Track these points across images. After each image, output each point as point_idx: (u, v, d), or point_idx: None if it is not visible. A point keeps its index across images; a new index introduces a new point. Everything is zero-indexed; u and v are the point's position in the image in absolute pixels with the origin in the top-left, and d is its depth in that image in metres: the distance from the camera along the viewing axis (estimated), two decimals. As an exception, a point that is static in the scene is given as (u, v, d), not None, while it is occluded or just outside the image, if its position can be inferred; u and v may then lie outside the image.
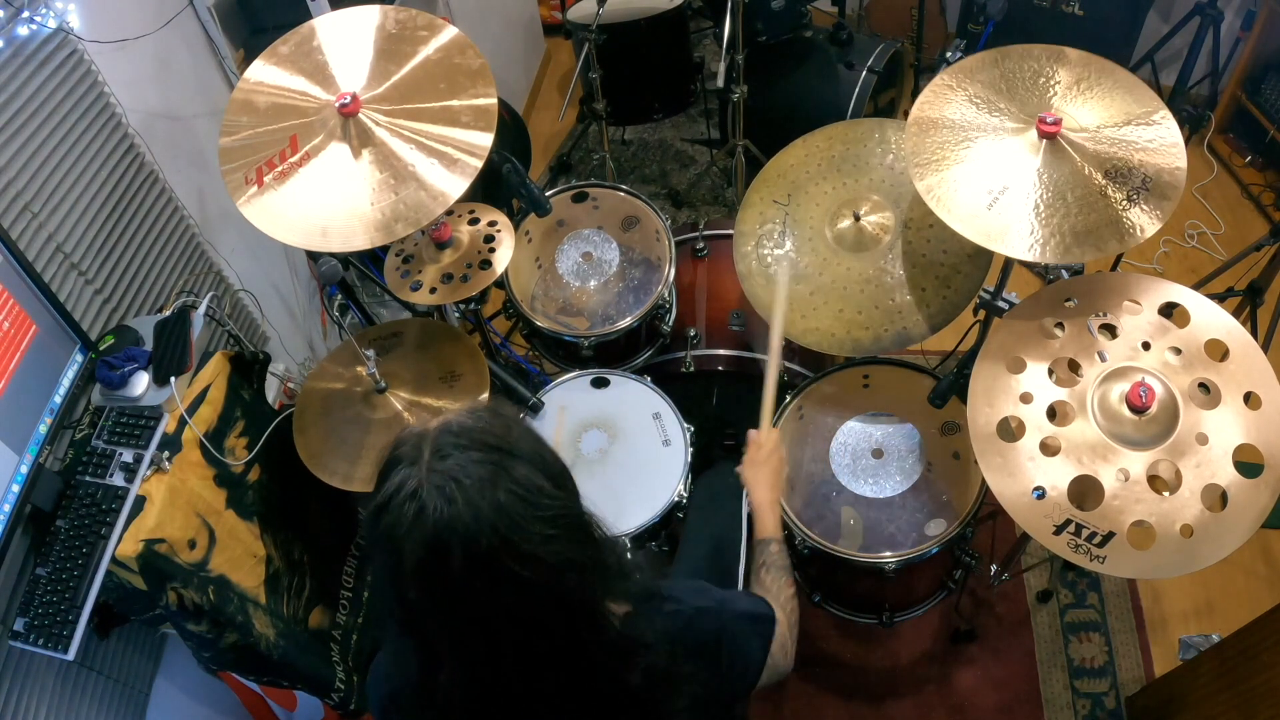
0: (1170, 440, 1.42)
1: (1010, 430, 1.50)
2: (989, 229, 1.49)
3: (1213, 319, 1.50)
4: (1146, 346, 1.49)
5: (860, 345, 1.82)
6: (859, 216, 1.85)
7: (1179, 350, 1.48)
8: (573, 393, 2.03)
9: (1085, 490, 1.44)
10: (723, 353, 2.19)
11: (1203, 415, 1.42)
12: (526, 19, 4.08)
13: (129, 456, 1.59)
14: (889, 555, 1.78)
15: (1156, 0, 3.41)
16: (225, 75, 2.22)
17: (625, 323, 2.11)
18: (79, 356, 1.63)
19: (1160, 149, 1.51)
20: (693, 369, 2.16)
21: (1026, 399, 1.50)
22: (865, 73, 3.03)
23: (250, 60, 1.71)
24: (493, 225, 1.89)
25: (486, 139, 1.61)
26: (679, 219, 3.49)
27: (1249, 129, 3.40)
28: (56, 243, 1.68)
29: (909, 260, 1.82)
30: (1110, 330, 1.52)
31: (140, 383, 1.66)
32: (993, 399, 1.52)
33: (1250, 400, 1.43)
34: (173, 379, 1.65)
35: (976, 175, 1.53)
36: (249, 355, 1.93)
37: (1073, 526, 1.41)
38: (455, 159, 1.60)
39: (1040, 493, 1.45)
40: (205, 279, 2.14)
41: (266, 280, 2.45)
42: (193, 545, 1.61)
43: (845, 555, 1.80)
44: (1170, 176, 1.49)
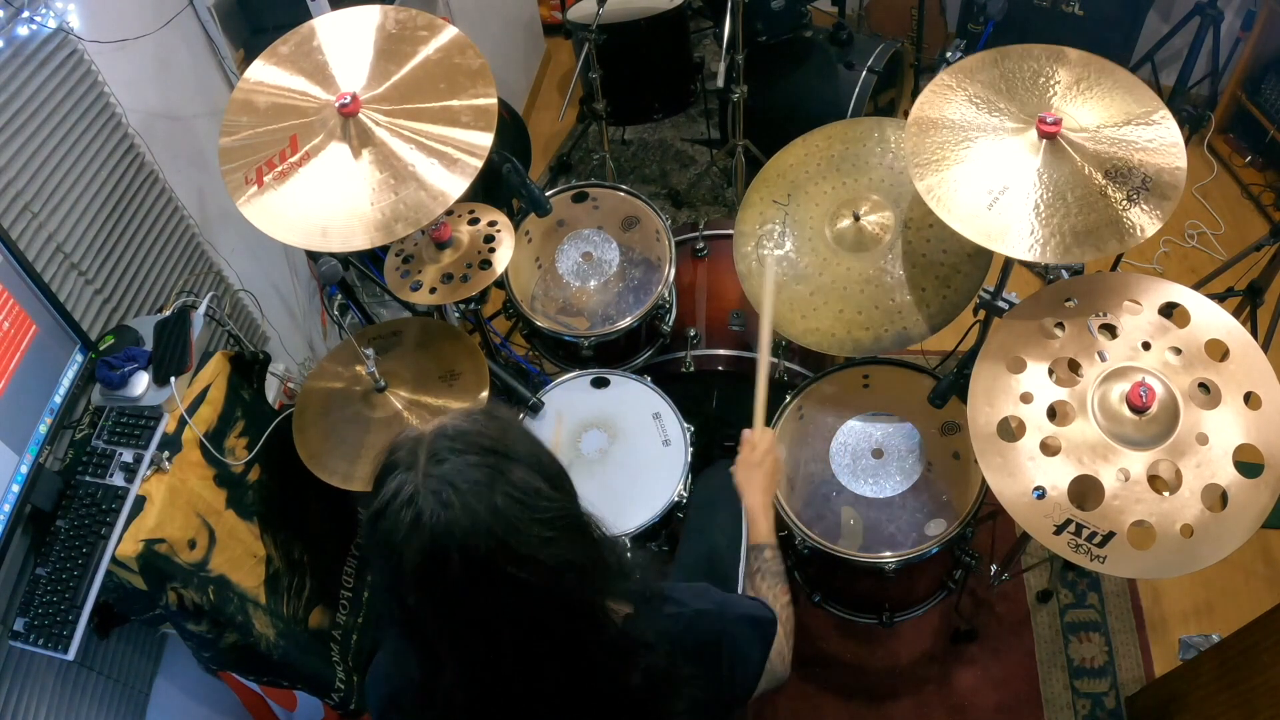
0: (1170, 440, 1.42)
1: (1010, 430, 1.50)
2: (989, 229, 1.49)
3: (1213, 319, 1.50)
4: (1147, 346, 1.49)
5: (860, 345, 1.82)
6: (859, 216, 1.85)
7: (1179, 350, 1.48)
8: (573, 393, 2.03)
9: (1085, 490, 1.44)
10: (723, 353, 2.19)
11: (1203, 415, 1.43)
12: (526, 19, 4.08)
13: (129, 456, 1.59)
14: (889, 555, 1.78)
15: (1156, 0, 3.41)
16: (225, 75, 2.22)
17: (625, 323, 2.11)
18: (79, 356, 1.63)
19: (1160, 149, 1.51)
20: (693, 369, 2.16)
21: (1027, 399, 1.50)
22: (865, 73, 3.03)
23: (250, 60, 1.72)
24: (493, 225, 1.89)
25: (486, 139, 1.61)
26: (679, 219, 3.49)
27: (1249, 129, 3.40)
28: (56, 243, 1.68)
29: (909, 260, 1.82)
30: (1110, 330, 1.52)
31: (140, 383, 1.66)
32: (993, 399, 1.52)
33: (1250, 400, 1.43)
34: (173, 379, 1.65)
35: (977, 175, 1.53)
36: (249, 355, 1.93)
37: (1073, 526, 1.41)
38: (455, 159, 1.60)
39: (1040, 492, 1.45)
40: (205, 279, 2.14)
41: (266, 280, 2.45)
42: (193, 545, 1.61)
43: (845, 555, 1.80)
44: (1170, 176, 1.49)
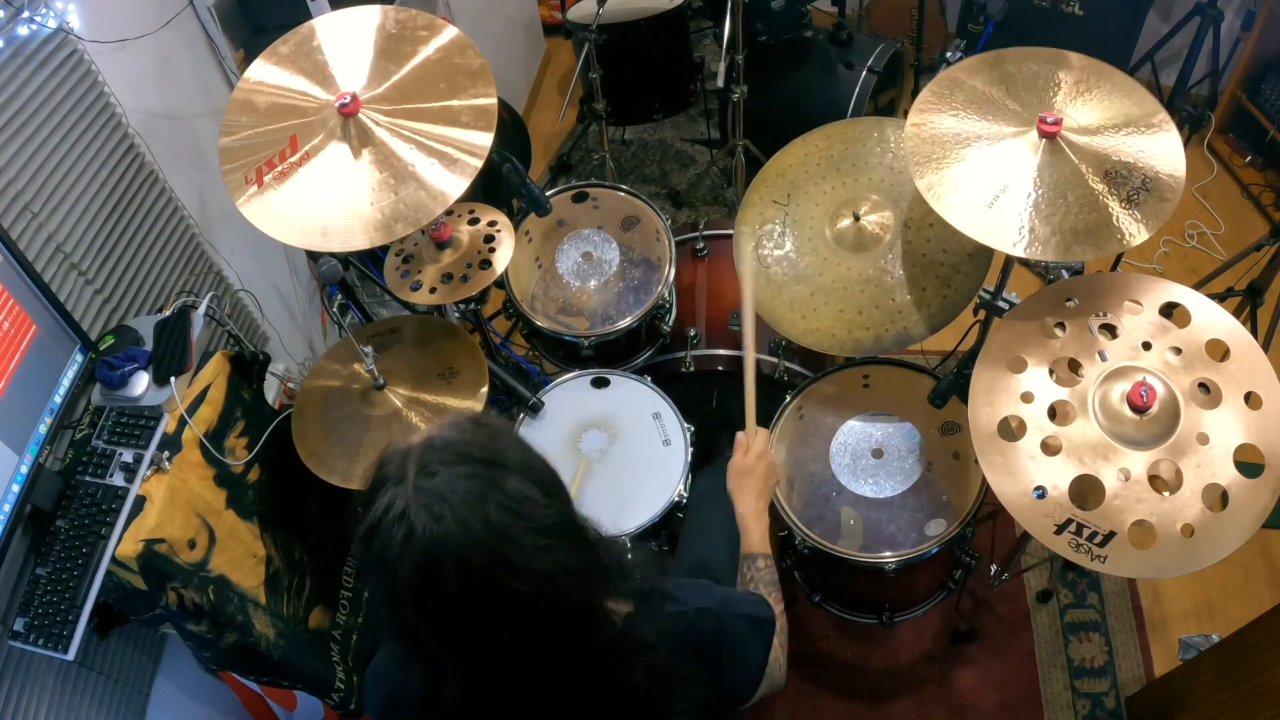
0: (1171, 440, 1.42)
1: (1011, 430, 1.50)
2: (990, 227, 1.49)
3: (1213, 319, 1.50)
4: (1147, 346, 1.49)
5: (860, 345, 1.82)
6: (859, 216, 1.85)
7: (1179, 350, 1.48)
8: (573, 393, 2.03)
9: (1086, 490, 1.43)
10: (723, 353, 2.19)
11: (1203, 415, 1.43)
12: (526, 19, 4.08)
13: (129, 456, 1.59)
14: (889, 555, 1.78)
15: (1156, 0, 3.41)
16: (225, 75, 2.22)
17: (625, 323, 2.10)
18: (79, 356, 1.63)
19: (1160, 150, 1.51)
20: (693, 369, 2.16)
21: (1027, 398, 1.50)
22: (865, 73, 3.03)
23: (250, 60, 1.72)
24: (493, 225, 1.89)
25: (486, 139, 1.61)
26: (679, 219, 3.49)
27: (1249, 129, 3.40)
28: (56, 243, 1.68)
29: (909, 260, 1.82)
30: (1111, 330, 1.52)
31: (140, 383, 1.66)
32: (993, 398, 1.52)
33: (1251, 400, 1.43)
34: (173, 379, 1.65)
35: (977, 174, 1.53)
36: (249, 355, 1.93)
37: (1074, 526, 1.41)
38: (455, 159, 1.60)
39: (1041, 492, 1.44)
40: (205, 279, 2.14)
41: (266, 280, 2.45)
42: (193, 545, 1.61)
43: (845, 555, 1.79)
44: (1170, 177, 1.49)
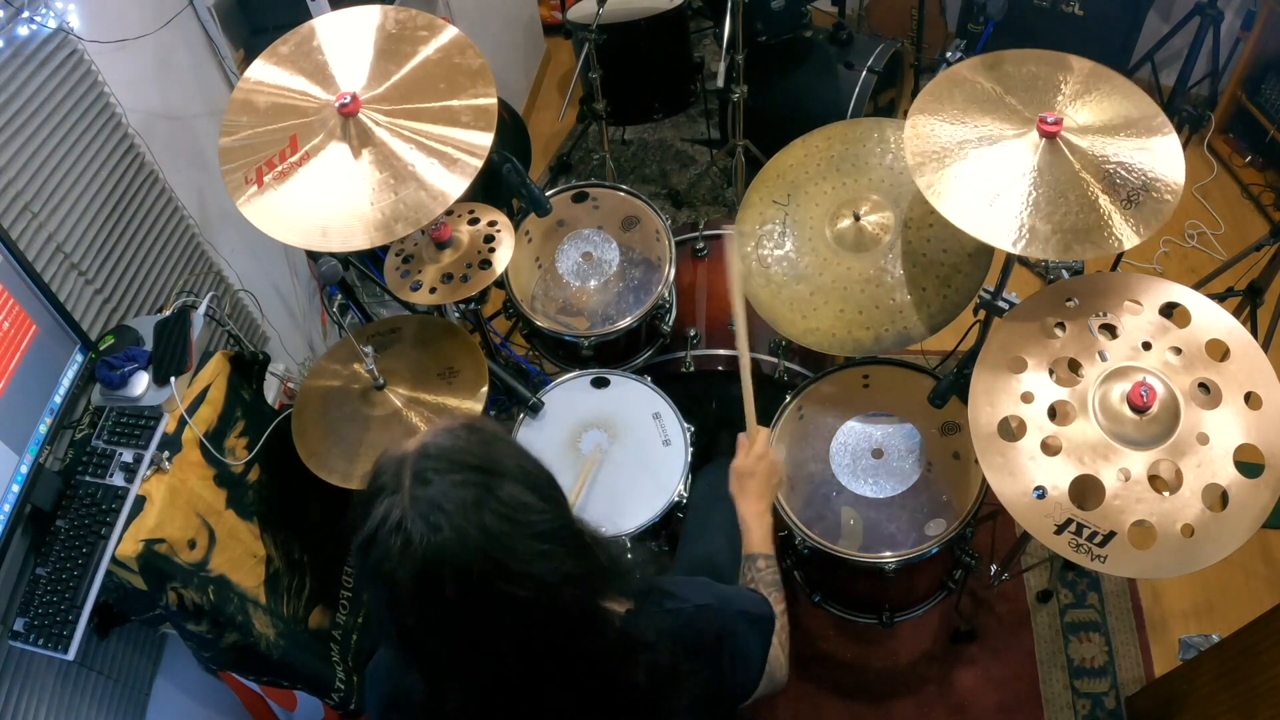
0: (1171, 440, 1.42)
1: (1011, 430, 1.50)
2: (990, 226, 1.49)
3: (1213, 319, 1.50)
4: (1147, 346, 1.49)
5: (860, 345, 1.82)
6: (859, 216, 1.85)
7: (1179, 350, 1.48)
8: (573, 393, 2.03)
9: (1086, 490, 1.43)
10: (723, 353, 2.19)
11: (1203, 415, 1.42)
12: (526, 19, 4.08)
13: (129, 456, 1.59)
14: (889, 555, 1.78)
15: (1156, 0, 3.41)
16: (225, 75, 2.22)
17: (625, 323, 2.10)
18: (79, 356, 1.63)
19: (1159, 152, 1.52)
20: (693, 369, 2.16)
21: (1027, 398, 1.50)
22: (865, 73, 3.03)
23: (250, 60, 1.71)
24: (493, 225, 1.89)
25: (486, 139, 1.61)
26: (679, 219, 3.49)
27: (1249, 129, 3.39)
28: (56, 243, 1.68)
29: (909, 260, 1.82)
30: (1111, 330, 1.52)
31: (140, 383, 1.66)
32: (993, 398, 1.52)
33: (1251, 400, 1.43)
34: (173, 379, 1.65)
35: (978, 173, 1.53)
36: (249, 355, 1.93)
37: (1074, 526, 1.41)
38: (455, 159, 1.60)
39: (1041, 492, 1.44)
40: (205, 279, 2.13)
41: (266, 280, 2.45)
42: (193, 545, 1.61)
43: (845, 555, 1.79)
44: (1169, 178, 1.49)
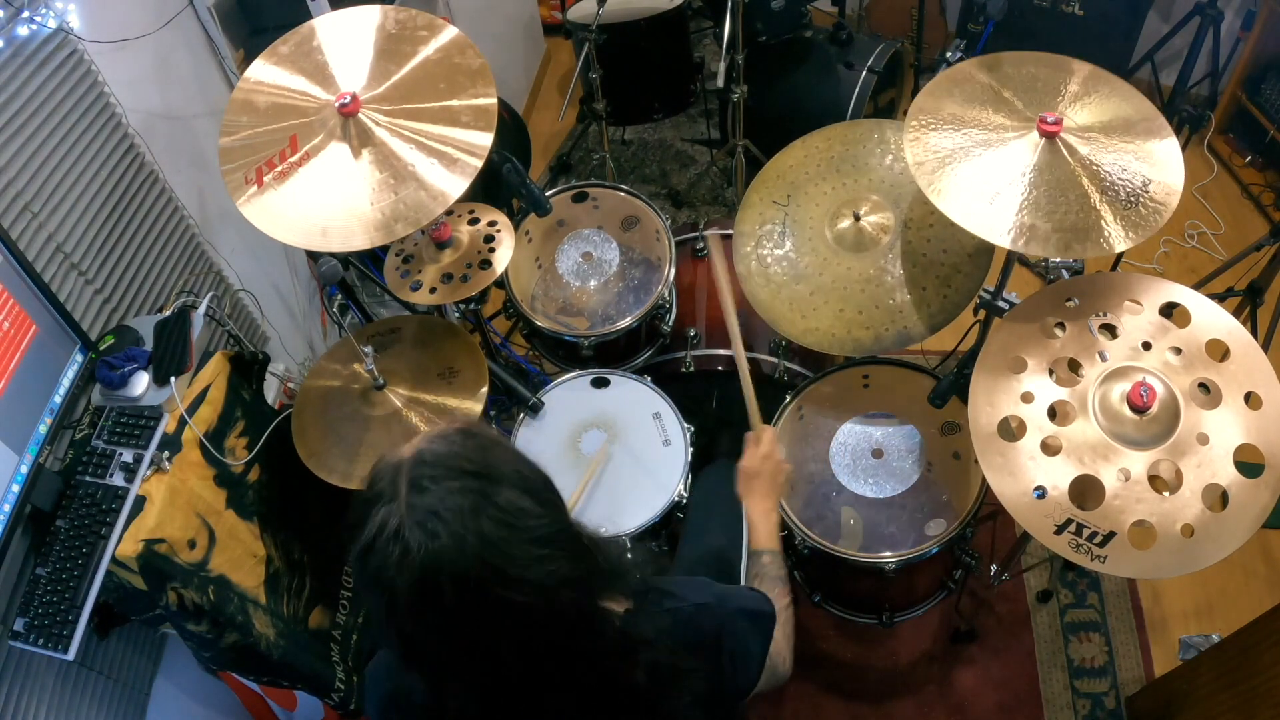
0: (1171, 440, 1.42)
1: (1011, 430, 1.50)
2: (990, 224, 1.49)
3: (1213, 319, 1.50)
4: (1147, 346, 1.49)
5: (860, 345, 1.82)
6: (859, 216, 1.85)
7: (1179, 350, 1.48)
8: (573, 393, 2.03)
9: (1086, 490, 1.43)
10: (723, 353, 2.19)
11: (1203, 415, 1.43)
12: (526, 19, 4.08)
13: (129, 456, 1.59)
14: (889, 555, 1.78)
15: (1156, 0, 3.41)
16: (225, 75, 2.22)
17: (625, 323, 2.10)
18: (79, 356, 1.63)
19: (1158, 153, 1.52)
20: (693, 369, 2.16)
21: (1027, 399, 1.50)
22: (865, 73, 3.03)
23: (250, 60, 1.71)
24: (493, 225, 1.89)
25: (486, 139, 1.61)
26: (679, 219, 3.49)
27: (1249, 129, 3.39)
28: (56, 243, 1.68)
29: (909, 260, 1.82)
30: (1111, 330, 1.52)
31: (140, 383, 1.66)
32: (993, 398, 1.52)
33: (1251, 400, 1.43)
34: (173, 379, 1.65)
35: (978, 172, 1.53)
36: (249, 355, 1.92)
37: (1074, 526, 1.41)
38: (455, 159, 1.60)
39: (1041, 492, 1.45)
40: (205, 279, 2.13)
41: (266, 280, 2.45)
42: (193, 545, 1.61)
43: (845, 555, 1.80)
44: (1169, 178, 1.49)
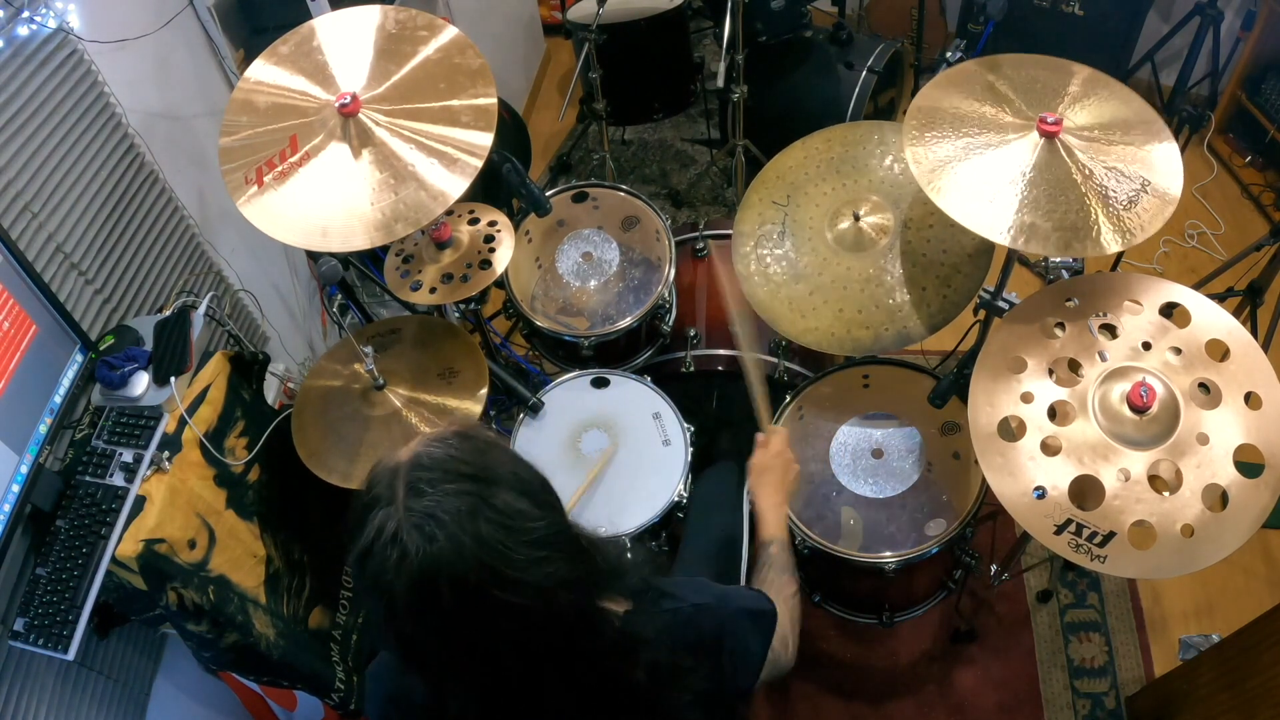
0: (1171, 440, 1.42)
1: (1011, 430, 1.50)
2: (990, 223, 1.49)
3: (1213, 319, 1.50)
4: (1147, 346, 1.49)
5: (860, 345, 1.82)
6: (859, 217, 1.85)
7: (1179, 350, 1.48)
8: (573, 393, 2.03)
9: (1086, 490, 1.44)
10: (723, 353, 2.19)
11: (1203, 415, 1.43)
12: (526, 19, 4.08)
13: (129, 456, 1.59)
14: (889, 555, 1.78)
15: (1156, 0, 3.41)
16: (225, 75, 2.22)
17: (625, 323, 2.10)
18: (79, 356, 1.63)
19: (1158, 154, 1.52)
20: (693, 369, 2.16)
21: (1027, 399, 1.51)
22: (865, 73, 3.03)
23: (250, 60, 1.71)
24: (493, 225, 1.89)
25: (486, 139, 1.61)
26: (679, 219, 3.49)
27: (1249, 129, 3.39)
28: (56, 243, 1.68)
29: (909, 260, 1.82)
30: (1111, 330, 1.53)
31: (140, 383, 1.66)
32: (993, 399, 1.52)
33: (1251, 400, 1.43)
34: (173, 379, 1.65)
35: (978, 171, 1.53)
36: (249, 355, 1.92)
37: (1073, 526, 1.41)
38: (455, 159, 1.60)
39: (1041, 492, 1.45)
40: (205, 279, 2.13)
41: (266, 280, 2.45)
42: (193, 545, 1.61)
43: (845, 555, 1.80)
44: (1169, 177, 1.50)
